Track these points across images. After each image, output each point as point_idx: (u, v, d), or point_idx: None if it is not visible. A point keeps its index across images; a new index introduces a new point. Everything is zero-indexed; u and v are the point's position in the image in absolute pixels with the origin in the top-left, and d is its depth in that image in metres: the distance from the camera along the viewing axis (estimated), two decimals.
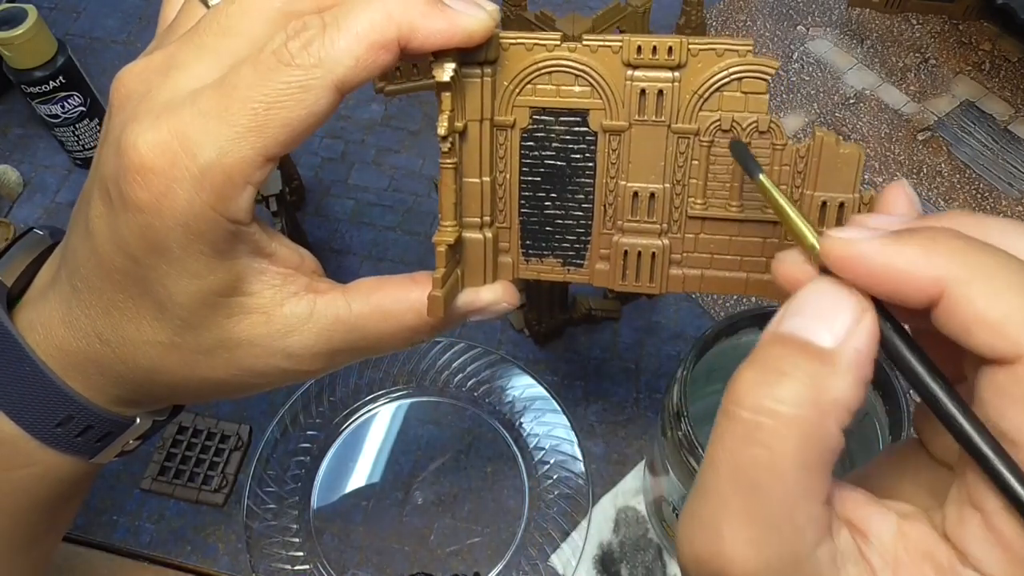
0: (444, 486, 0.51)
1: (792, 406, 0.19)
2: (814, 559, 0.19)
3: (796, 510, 0.19)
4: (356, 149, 0.66)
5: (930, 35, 0.71)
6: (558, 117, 0.29)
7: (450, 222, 0.29)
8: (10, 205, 0.64)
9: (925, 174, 0.63)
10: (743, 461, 0.19)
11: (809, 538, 0.19)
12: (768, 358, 0.20)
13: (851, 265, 0.20)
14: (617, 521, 0.50)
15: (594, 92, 0.28)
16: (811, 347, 0.20)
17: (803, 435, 0.19)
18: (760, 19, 0.73)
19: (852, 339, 0.20)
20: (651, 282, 0.31)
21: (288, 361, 0.29)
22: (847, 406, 0.19)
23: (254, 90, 0.24)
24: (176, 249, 0.25)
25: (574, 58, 0.28)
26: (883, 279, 0.20)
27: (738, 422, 0.20)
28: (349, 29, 0.25)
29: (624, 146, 0.29)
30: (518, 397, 0.53)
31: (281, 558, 0.48)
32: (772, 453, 0.19)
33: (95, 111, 0.62)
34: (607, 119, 0.29)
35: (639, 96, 0.28)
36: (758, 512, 0.19)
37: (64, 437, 0.30)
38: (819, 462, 0.19)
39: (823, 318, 0.20)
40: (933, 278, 0.19)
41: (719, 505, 0.20)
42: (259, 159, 0.25)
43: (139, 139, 0.24)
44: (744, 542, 0.19)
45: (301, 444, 0.52)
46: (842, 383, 0.19)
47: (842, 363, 0.20)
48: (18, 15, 0.55)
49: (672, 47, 0.27)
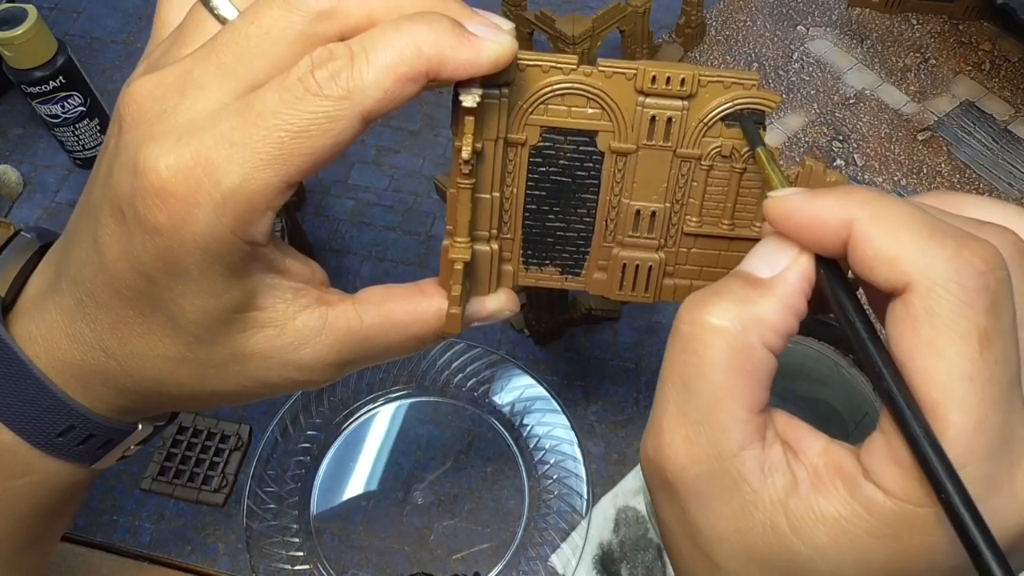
0: (444, 486, 0.51)
1: (718, 318, 0.22)
2: (739, 460, 0.22)
3: (719, 409, 0.22)
4: (356, 149, 0.66)
5: (930, 35, 0.71)
6: (567, 136, 0.30)
7: (464, 239, 0.29)
8: (10, 205, 0.64)
9: (925, 174, 0.63)
10: (678, 366, 0.23)
11: (734, 437, 0.22)
12: (712, 286, 0.24)
13: (783, 216, 0.23)
14: (617, 521, 0.50)
15: (604, 115, 0.29)
16: (749, 276, 0.24)
17: (726, 343, 0.22)
18: (760, 19, 0.73)
19: (785, 272, 0.23)
20: (646, 292, 0.33)
21: (299, 372, 0.29)
22: (772, 326, 0.22)
23: (280, 118, 0.24)
24: (193, 271, 0.25)
25: (588, 82, 0.29)
26: (807, 226, 0.23)
27: (678, 334, 0.23)
28: (378, 61, 0.24)
29: (630, 167, 0.30)
30: (518, 397, 0.53)
31: (281, 558, 0.48)
32: (699, 357, 0.22)
33: (95, 111, 0.62)
34: (615, 141, 0.30)
35: (649, 122, 0.29)
36: (688, 410, 0.23)
37: (65, 446, 0.30)
38: (743, 370, 0.22)
39: (765, 258, 0.24)
40: (843, 221, 0.22)
41: (662, 407, 0.23)
42: (282, 186, 0.25)
43: (159, 162, 0.24)
44: (680, 438, 0.23)
45: (301, 444, 0.52)
46: (767, 304, 0.23)
47: (771, 289, 0.23)
48: (18, 15, 0.55)
49: (685, 79, 0.29)
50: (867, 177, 0.63)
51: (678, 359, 0.23)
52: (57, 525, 0.35)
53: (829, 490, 0.21)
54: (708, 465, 0.22)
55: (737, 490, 0.22)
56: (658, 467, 0.23)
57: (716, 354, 0.22)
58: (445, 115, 0.67)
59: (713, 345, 0.22)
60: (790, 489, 0.22)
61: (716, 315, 0.22)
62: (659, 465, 0.23)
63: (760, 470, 0.22)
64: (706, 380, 0.22)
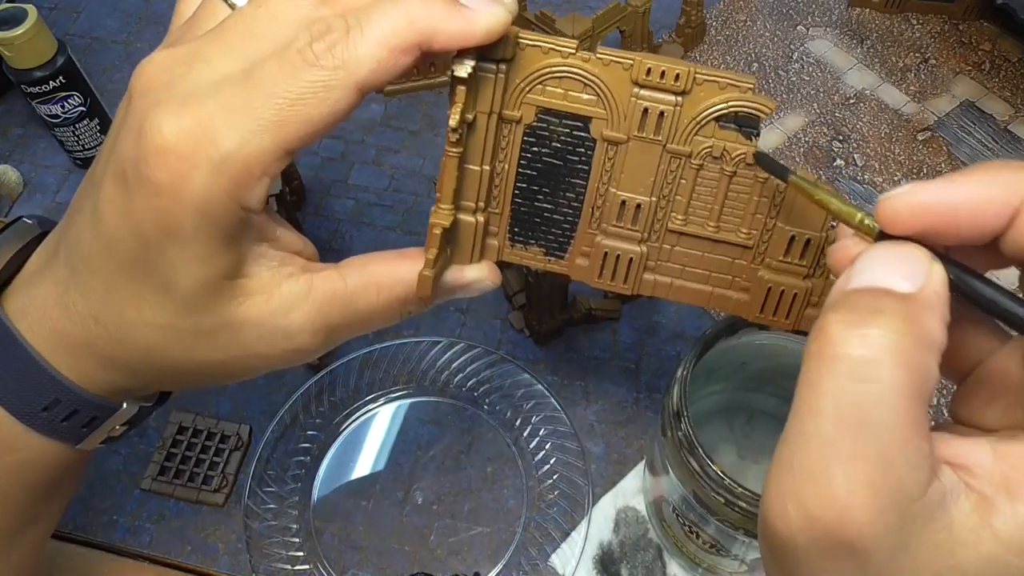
0: (444, 486, 0.51)
1: (894, 333, 0.19)
2: (926, 499, 0.19)
3: (909, 445, 0.19)
4: (356, 149, 0.66)
5: (930, 35, 0.71)
6: (562, 119, 0.30)
7: (447, 206, 0.30)
8: (10, 205, 0.64)
9: (925, 174, 0.63)
10: (847, 399, 0.19)
11: (923, 476, 0.19)
12: (853, 304, 0.20)
13: (916, 214, 0.21)
14: (617, 521, 0.50)
15: (600, 102, 0.30)
16: (894, 291, 0.20)
17: (908, 364, 0.19)
18: (760, 19, 0.73)
19: (929, 283, 0.20)
20: (624, 283, 0.33)
21: (288, 340, 0.29)
22: (939, 343, 0.20)
23: (278, 86, 0.25)
24: (188, 231, 0.26)
25: (586, 68, 0.29)
26: (948, 219, 0.20)
27: (837, 361, 0.19)
28: (371, 33, 0.25)
29: (620, 157, 0.31)
30: (518, 397, 0.53)
31: (281, 558, 0.48)
32: (880, 385, 0.19)
33: (95, 111, 0.62)
34: (608, 129, 0.30)
35: (641, 114, 0.30)
36: (870, 450, 0.19)
37: (50, 421, 0.30)
38: (923, 395, 0.19)
39: (896, 270, 0.20)
40: (1001, 202, 0.20)
41: (826, 450, 0.19)
42: (278, 151, 0.26)
43: (164, 124, 0.25)
44: (860, 484, 0.19)
45: (301, 444, 0.52)
46: (932, 320, 0.20)
47: (927, 303, 0.20)
48: (18, 15, 0.55)
49: (680, 74, 0.29)
50: (867, 177, 0.63)
51: (846, 390, 0.19)
52: (46, 512, 0.35)
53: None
54: (899, 513, 0.19)
55: (927, 534, 0.19)
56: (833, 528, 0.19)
57: (899, 380, 0.19)
58: (445, 115, 0.67)
59: (894, 368, 0.19)
60: (986, 510, 0.19)
61: (890, 332, 0.19)
62: (836, 525, 0.19)
63: (943, 503, 0.19)
64: (890, 412, 0.19)
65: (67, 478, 0.34)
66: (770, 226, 0.31)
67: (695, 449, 0.36)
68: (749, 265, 0.32)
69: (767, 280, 0.32)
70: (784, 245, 0.31)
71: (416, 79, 0.66)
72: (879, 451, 0.19)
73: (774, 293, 0.32)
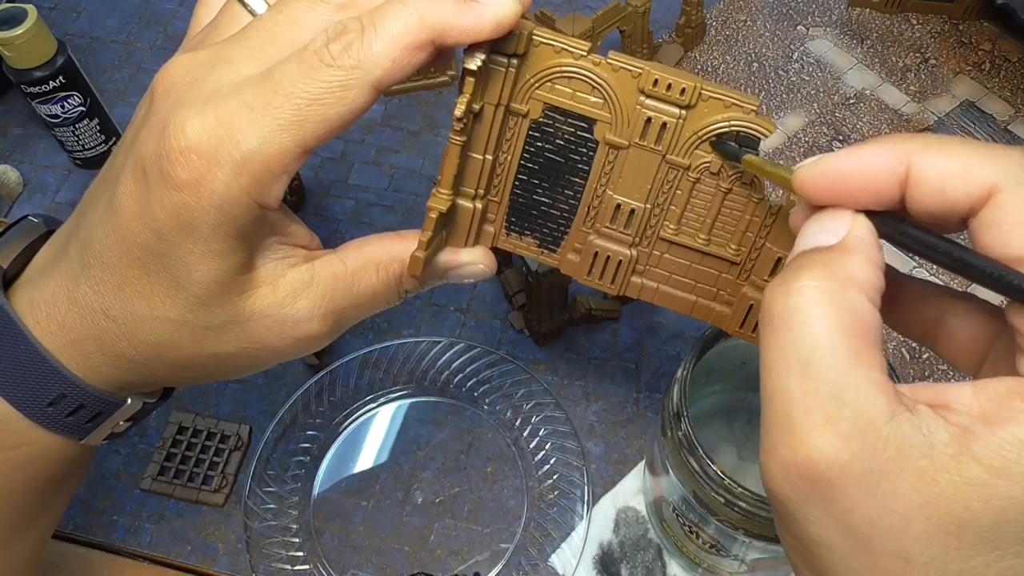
0: (444, 486, 0.51)
1: (815, 280, 0.21)
2: (895, 426, 0.20)
3: (853, 375, 0.20)
4: (356, 149, 0.66)
5: (930, 35, 0.71)
6: (568, 118, 0.31)
7: (446, 191, 0.30)
8: (10, 205, 0.64)
9: None
10: (789, 348, 0.21)
11: (880, 402, 0.20)
12: (787, 269, 0.23)
13: (826, 178, 0.23)
14: (617, 521, 0.50)
15: (606, 106, 0.30)
16: (820, 247, 0.23)
17: (834, 304, 0.21)
18: (760, 19, 0.73)
19: (854, 230, 0.22)
20: (612, 284, 0.34)
21: (296, 328, 0.30)
22: (868, 282, 0.22)
23: (297, 86, 0.26)
24: (205, 229, 0.27)
25: (596, 71, 0.30)
26: (858, 177, 0.22)
27: (774, 318, 0.22)
28: (385, 33, 0.26)
29: (620, 161, 0.31)
30: (518, 397, 0.53)
31: (281, 558, 0.48)
32: (812, 328, 0.21)
33: (95, 111, 0.62)
34: (611, 134, 0.31)
35: (645, 122, 0.30)
36: (818, 389, 0.20)
37: (55, 416, 0.30)
38: (859, 331, 0.21)
39: (823, 228, 0.23)
40: (899, 158, 0.22)
41: (785, 401, 0.21)
42: (297, 150, 0.27)
43: (187, 123, 0.26)
44: (817, 421, 0.20)
45: (301, 444, 0.52)
46: (853, 261, 0.22)
47: (849, 248, 0.22)
48: (18, 15, 0.55)
49: (686, 88, 0.29)
50: None
51: (785, 341, 0.21)
52: (50, 508, 0.35)
53: (1016, 415, 0.19)
54: (863, 440, 0.20)
55: (905, 460, 0.19)
56: (804, 469, 0.20)
57: (826, 320, 0.21)
58: (445, 115, 0.67)
59: (819, 311, 0.21)
60: (966, 438, 0.19)
61: (811, 280, 0.21)
62: (805, 466, 0.20)
63: (920, 432, 0.20)
64: (826, 349, 0.20)
65: (71, 473, 0.34)
66: (759, 245, 0.32)
67: (695, 449, 0.36)
68: (735, 280, 0.33)
69: (750, 297, 0.33)
70: (771, 266, 0.32)
71: (416, 79, 0.66)
72: (827, 387, 0.20)
73: (755, 311, 0.33)
